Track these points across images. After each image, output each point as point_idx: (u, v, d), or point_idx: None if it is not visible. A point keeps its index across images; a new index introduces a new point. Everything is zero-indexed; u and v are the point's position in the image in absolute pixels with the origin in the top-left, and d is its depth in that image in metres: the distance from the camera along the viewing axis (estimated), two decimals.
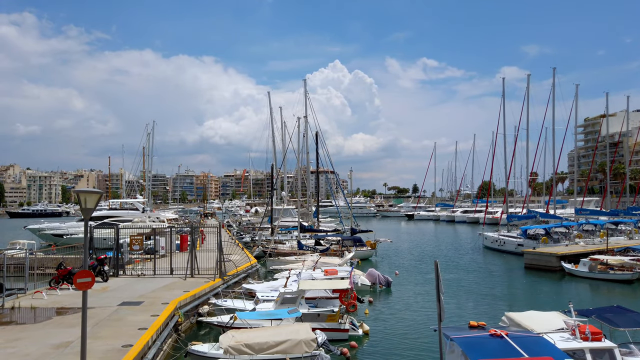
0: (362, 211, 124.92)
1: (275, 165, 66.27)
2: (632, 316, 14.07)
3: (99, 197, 10.02)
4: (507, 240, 47.31)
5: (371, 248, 43.54)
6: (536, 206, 77.93)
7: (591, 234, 46.54)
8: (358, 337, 18.16)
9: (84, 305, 9.70)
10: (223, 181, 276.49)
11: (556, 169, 62.65)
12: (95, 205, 9.94)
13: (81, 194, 9.63)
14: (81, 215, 20.58)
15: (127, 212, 60.01)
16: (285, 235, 51.45)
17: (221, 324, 17.22)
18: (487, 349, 9.61)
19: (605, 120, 69.77)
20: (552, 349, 10.03)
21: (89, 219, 10.07)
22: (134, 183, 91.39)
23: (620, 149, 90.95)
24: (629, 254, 35.18)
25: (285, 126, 67.67)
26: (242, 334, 12.92)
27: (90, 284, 10.13)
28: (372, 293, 27.33)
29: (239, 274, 26.91)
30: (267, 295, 21.27)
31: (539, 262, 36.33)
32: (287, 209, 62.21)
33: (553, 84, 56.98)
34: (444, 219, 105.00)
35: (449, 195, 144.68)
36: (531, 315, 14.23)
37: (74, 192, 10.02)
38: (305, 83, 53.43)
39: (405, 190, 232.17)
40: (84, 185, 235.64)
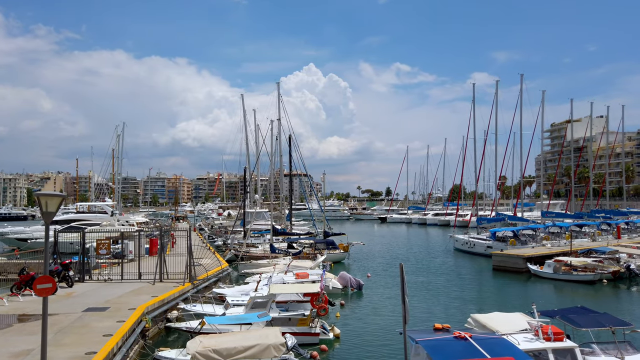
0: (335, 214, 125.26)
1: (248, 168, 65.88)
2: (594, 316, 14.54)
3: (61, 201, 9.76)
4: (476, 243, 48.21)
5: (344, 251, 43.71)
6: (505, 209, 79.70)
7: (557, 236, 47.84)
8: (329, 341, 18.19)
9: (44, 311, 9.43)
10: (196, 184, 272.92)
11: (523, 173, 64.31)
12: (57, 209, 9.69)
13: (42, 197, 9.36)
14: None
15: (95, 216, 58.57)
16: (258, 238, 51.16)
17: (190, 330, 16.99)
18: (451, 351, 9.79)
19: (570, 125, 72.10)
20: (514, 350, 10.29)
21: (51, 223, 9.80)
22: (103, 186, 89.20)
23: (584, 154, 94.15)
24: (591, 255, 36.31)
25: (258, 129, 67.46)
26: (210, 340, 12.77)
27: (51, 290, 9.86)
28: (344, 296, 27.43)
29: (210, 278, 26.60)
30: (238, 300, 21.08)
31: (507, 264, 37.15)
32: (260, 212, 61.81)
33: (521, 90, 58.61)
34: (416, 221, 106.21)
35: (421, 198, 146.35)
36: (496, 317, 14.54)
37: (36, 195, 9.71)
38: (279, 86, 53.43)
39: (379, 193, 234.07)
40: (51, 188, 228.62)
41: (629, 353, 12.61)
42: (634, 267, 32.98)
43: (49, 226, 9.74)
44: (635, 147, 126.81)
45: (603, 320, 13.97)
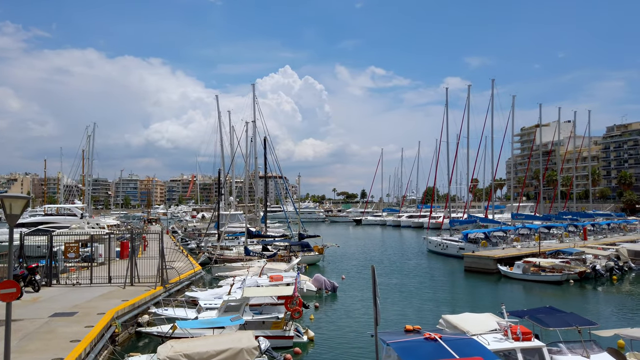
0: (311, 216, 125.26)
1: (223, 170, 65.30)
2: (562, 316, 14.94)
3: (26, 203, 9.50)
4: (449, 244, 48.95)
5: (319, 253, 43.75)
6: (477, 211, 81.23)
7: (527, 237, 48.96)
8: (303, 344, 18.18)
9: (7, 317, 9.14)
10: (169, 186, 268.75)
11: (494, 176, 65.66)
12: (21, 211, 9.43)
13: (5, 199, 9.09)
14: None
15: (64, 218, 57.15)
16: (232, 241, 50.74)
17: (161, 334, 16.72)
18: (422, 352, 9.93)
19: (539, 130, 74.08)
20: (482, 350, 10.49)
21: (17, 226, 9.53)
22: (72, 188, 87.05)
23: (553, 157, 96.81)
24: (559, 256, 37.35)
25: (233, 130, 67.02)
26: (181, 344, 12.59)
27: (15, 294, 9.57)
28: (318, 298, 27.46)
29: (182, 281, 26.24)
30: (211, 303, 20.85)
31: (478, 265, 37.85)
32: (234, 214, 61.38)
33: (492, 94, 59.82)
34: (390, 223, 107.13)
35: (396, 201, 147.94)
36: (466, 318, 14.79)
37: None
38: (254, 88, 53.14)
39: (354, 195, 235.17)
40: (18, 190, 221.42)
41: (594, 352, 12.99)
42: (600, 268, 34.06)
43: (13, 229, 9.46)
44: (601, 151, 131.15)
45: (570, 320, 14.36)
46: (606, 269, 34.38)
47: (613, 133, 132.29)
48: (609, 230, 57.84)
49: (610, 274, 34.22)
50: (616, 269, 35.00)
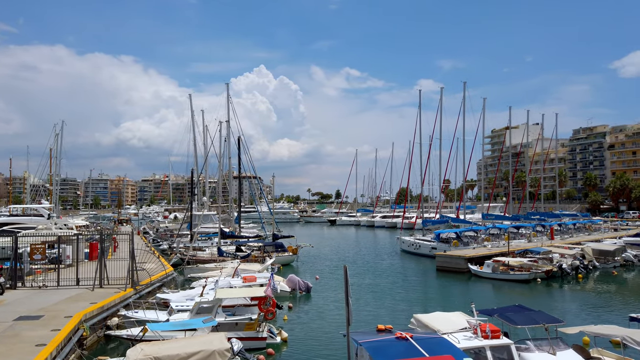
0: (285, 217, 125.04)
1: (196, 169, 64.54)
2: (529, 314, 15.33)
3: None
4: (422, 244, 49.62)
5: (293, 253, 43.71)
6: (449, 211, 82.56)
7: (497, 237, 50.08)
8: (276, 345, 18.13)
9: None
10: (141, 186, 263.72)
11: (466, 177, 66.95)
12: None
13: None
14: None
15: (31, 219, 55.26)
16: (206, 241, 50.22)
17: (131, 337, 16.40)
18: (393, 351, 10.06)
19: (509, 132, 75.86)
20: (452, 348, 10.70)
21: None
22: (39, 187, 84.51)
23: (521, 159, 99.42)
24: (527, 255, 38.33)
25: (207, 130, 66.35)
26: (151, 347, 12.36)
27: None
28: (292, 299, 27.44)
29: (153, 283, 25.80)
30: (183, 305, 20.57)
31: (449, 265, 38.49)
32: (207, 214, 60.70)
33: (464, 97, 60.98)
34: (364, 224, 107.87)
35: (370, 201, 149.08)
36: (437, 317, 15.03)
37: None
38: (228, 87, 52.82)
39: (329, 196, 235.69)
40: None
41: (560, 349, 13.37)
42: (566, 267, 35.11)
43: None
44: (568, 153, 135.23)
45: (537, 318, 14.75)
46: (572, 267, 35.45)
47: (579, 136, 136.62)
48: (575, 230, 59.70)
49: (576, 273, 35.30)
50: (581, 267, 36.13)
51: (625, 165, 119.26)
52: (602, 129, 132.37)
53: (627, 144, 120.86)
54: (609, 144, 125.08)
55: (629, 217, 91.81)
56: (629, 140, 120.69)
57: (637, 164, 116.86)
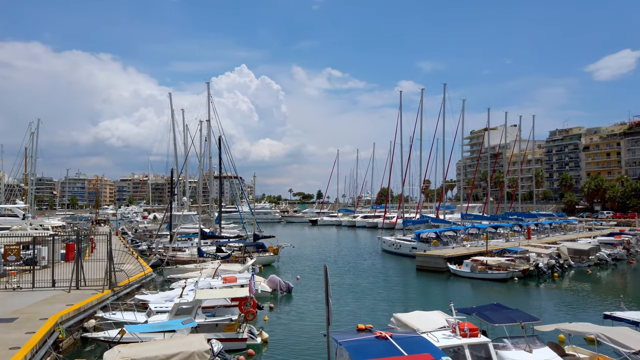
0: (267, 217, 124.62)
1: (176, 169, 63.87)
2: (507, 313, 15.59)
3: None
4: (402, 244, 50.01)
5: (274, 254, 43.61)
6: (429, 211, 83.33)
7: (476, 237, 50.82)
8: (257, 346, 18.07)
9: None
10: (119, 186, 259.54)
11: (445, 177, 67.69)
12: None
13: None
14: None
15: (5, 219, 53.90)
16: (185, 242, 49.74)
17: (108, 339, 16.15)
18: (372, 350, 10.13)
19: (487, 133, 77.05)
20: (431, 347, 10.82)
21: None
22: (14, 187, 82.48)
23: (500, 160, 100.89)
24: (505, 255, 38.97)
25: (187, 129, 65.71)
26: (129, 349, 12.21)
27: None
28: (273, 299, 27.37)
29: (132, 284, 25.46)
30: (162, 306, 20.34)
31: (429, 264, 38.89)
32: (187, 215, 60.11)
33: (444, 98, 61.63)
34: (345, 224, 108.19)
35: (351, 201, 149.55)
36: (416, 316, 15.18)
37: None
38: (209, 86, 52.31)
39: (310, 196, 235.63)
40: None
41: (537, 346, 13.64)
42: (542, 266, 35.82)
43: None
44: (545, 154, 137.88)
45: (514, 316, 15.02)
46: (548, 266, 36.18)
47: (555, 137, 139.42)
48: (551, 230, 60.97)
49: (552, 272, 36.03)
50: (557, 266, 36.90)
51: (599, 166, 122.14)
52: (578, 131, 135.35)
53: (601, 145, 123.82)
54: (584, 145, 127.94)
55: (603, 217, 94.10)
56: (603, 142, 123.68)
57: (610, 165, 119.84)
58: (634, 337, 13.28)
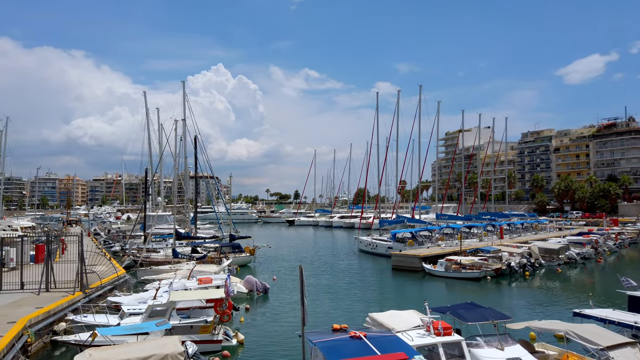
0: (243, 217, 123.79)
1: (151, 169, 62.92)
2: (480, 311, 15.89)
3: None
4: (378, 244, 50.39)
5: (250, 254, 43.39)
6: (405, 212, 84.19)
7: (450, 237, 51.61)
8: (232, 347, 17.94)
9: None
10: (92, 185, 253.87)
11: (421, 178, 68.56)
12: None
13: None
14: None
15: None
16: (160, 243, 49.04)
17: (79, 342, 15.79)
18: (346, 350, 10.21)
19: (462, 135, 78.31)
20: (404, 346, 10.96)
21: None
22: None
23: (474, 161, 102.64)
24: (478, 254, 39.67)
25: (162, 128, 64.83)
26: (101, 352, 11.97)
27: None
28: (249, 300, 27.23)
29: (104, 286, 24.97)
30: (135, 308, 19.98)
31: (405, 264, 39.30)
32: (162, 215, 59.25)
33: (419, 100, 62.41)
34: (322, 224, 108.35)
35: (328, 202, 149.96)
36: (391, 315, 15.35)
37: None
38: (185, 85, 51.72)
39: (288, 196, 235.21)
40: None
41: (508, 344, 13.95)
42: (514, 265, 36.60)
43: None
44: (517, 155, 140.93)
45: (487, 315, 15.32)
46: (520, 265, 36.99)
47: (527, 139, 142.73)
48: (523, 230, 62.41)
49: (523, 270, 36.86)
50: (528, 265, 37.76)
51: (569, 167, 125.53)
52: (549, 133, 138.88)
53: (571, 147, 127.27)
54: (554, 147, 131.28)
55: (572, 217, 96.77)
56: (573, 144, 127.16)
57: (580, 167, 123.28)
58: (602, 333, 13.72)
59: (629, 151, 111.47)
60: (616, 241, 54.84)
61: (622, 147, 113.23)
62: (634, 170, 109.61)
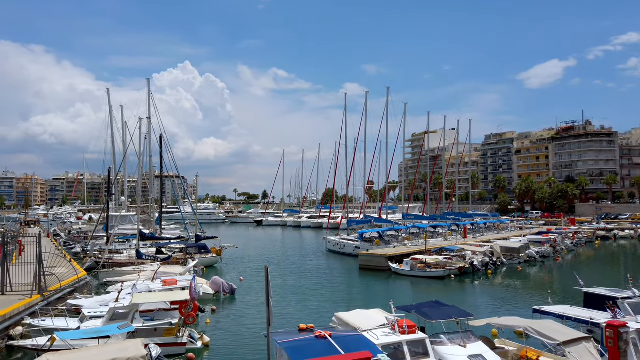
0: (210, 217, 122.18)
1: (114, 168, 61.29)
2: (444, 309, 16.25)
3: None
4: (346, 244, 50.73)
5: (217, 255, 42.90)
6: (372, 212, 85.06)
7: (417, 236, 52.43)
8: (197, 350, 17.69)
9: None
10: (52, 185, 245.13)
11: (388, 178, 69.45)
12: None
13: None
14: None
15: None
16: (123, 244, 47.83)
17: (36, 347, 15.26)
18: (311, 350, 10.25)
19: (427, 136, 79.79)
20: (369, 345, 11.10)
21: None
22: None
23: (439, 162, 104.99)
24: (443, 253, 40.48)
25: (126, 127, 63.29)
26: (59, 357, 11.59)
27: None
28: (216, 302, 26.92)
29: (64, 288, 24.17)
30: (96, 311, 19.46)
31: (372, 263, 39.71)
32: (126, 215, 57.75)
33: (387, 101, 63.26)
34: (290, 224, 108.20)
35: (297, 202, 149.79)
36: (357, 314, 15.50)
37: None
38: (150, 83, 50.74)
39: (256, 196, 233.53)
40: None
41: (471, 341, 14.31)
42: (477, 263, 37.55)
43: None
44: (480, 157, 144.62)
45: (450, 313, 15.68)
46: (482, 264, 37.97)
47: (490, 141, 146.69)
48: (486, 229, 64.06)
49: (486, 269, 37.84)
50: (491, 264, 38.80)
51: (530, 169, 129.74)
52: (510, 135, 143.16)
53: (531, 149, 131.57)
54: (516, 149, 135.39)
55: (532, 217, 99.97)
56: (533, 146, 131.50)
57: (540, 168, 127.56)
58: (559, 329, 14.27)
59: (586, 153, 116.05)
60: (573, 240, 56.97)
61: (579, 149, 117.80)
62: (591, 171, 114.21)
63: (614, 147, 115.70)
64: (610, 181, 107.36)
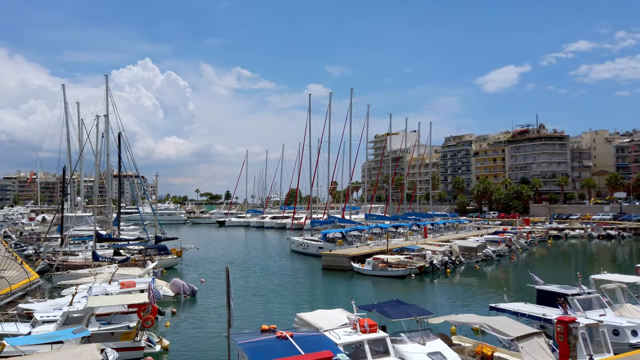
0: (171, 218, 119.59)
1: (69, 167, 59.14)
2: (404, 308, 16.58)
3: None
4: (310, 244, 50.83)
5: (177, 256, 42.12)
6: (336, 212, 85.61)
7: (379, 236, 53.14)
8: (156, 354, 17.32)
9: None
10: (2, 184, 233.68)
11: (351, 179, 70.08)
12: None
13: None
14: None
15: None
16: (79, 245, 46.16)
17: None
18: (271, 351, 10.26)
19: (389, 138, 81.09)
20: (330, 344, 11.21)
21: None
22: None
23: (401, 163, 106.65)
24: (404, 253, 41.18)
25: (83, 124, 60.90)
26: None
27: None
28: (176, 304, 26.43)
29: (14, 292, 23.18)
30: (49, 315, 18.73)
31: (334, 263, 39.97)
32: (81, 216, 55.81)
33: (350, 103, 63.76)
34: (254, 225, 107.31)
35: (260, 202, 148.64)
36: (319, 314, 15.60)
37: None
38: (108, 79, 49.12)
39: (218, 196, 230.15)
40: None
41: (430, 339, 14.67)
42: (436, 263, 38.44)
43: None
44: (440, 158, 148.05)
45: (410, 311, 16.02)
46: (441, 263, 38.91)
47: (450, 143, 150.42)
48: (445, 229, 65.62)
49: (445, 268, 38.79)
50: (449, 263, 39.82)
51: (487, 170, 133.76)
52: (469, 138, 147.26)
53: (488, 151, 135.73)
54: (474, 151, 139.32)
55: (489, 217, 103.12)
56: (490, 148, 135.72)
57: (496, 170, 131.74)
58: (513, 325, 14.83)
59: (540, 156, 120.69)
60: (527, 239, 59.15)
61: (533, 152, 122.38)
62: (544, 173, 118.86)
63: (565, 150, 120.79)
64: (562, 183, 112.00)
